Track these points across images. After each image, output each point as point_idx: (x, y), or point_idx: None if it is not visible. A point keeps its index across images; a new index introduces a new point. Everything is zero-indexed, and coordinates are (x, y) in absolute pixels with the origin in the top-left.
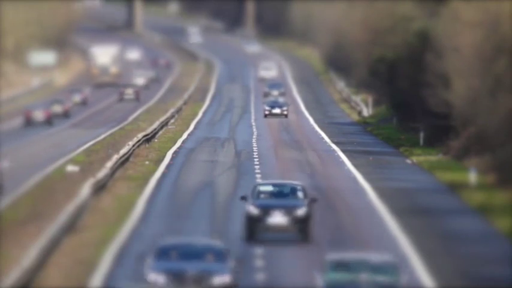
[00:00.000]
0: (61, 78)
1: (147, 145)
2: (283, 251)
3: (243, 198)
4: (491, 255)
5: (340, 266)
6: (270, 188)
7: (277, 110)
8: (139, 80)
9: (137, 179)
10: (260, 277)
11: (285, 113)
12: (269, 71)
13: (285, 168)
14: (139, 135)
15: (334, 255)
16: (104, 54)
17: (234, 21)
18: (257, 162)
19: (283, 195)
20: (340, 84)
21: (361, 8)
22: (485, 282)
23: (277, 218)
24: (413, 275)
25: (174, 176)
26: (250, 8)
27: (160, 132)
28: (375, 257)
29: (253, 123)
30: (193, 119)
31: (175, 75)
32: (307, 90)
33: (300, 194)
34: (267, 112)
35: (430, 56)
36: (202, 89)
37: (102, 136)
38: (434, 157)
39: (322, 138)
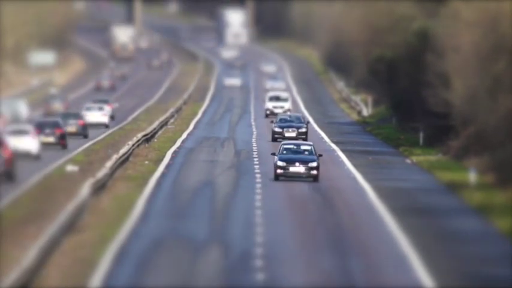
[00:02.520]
0: (60, 78)
1: (146, 145)
2: (283, 252)
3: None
4: (491, 255)
5: None
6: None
7: (299, 168)
8: (144, 43)
9: (137, 178)
10: (260, 277)
11: (315, 172)
12: (282, 102)
13: None
14: (139, 135)
15: None
16: (123, 34)
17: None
18: (257, 162)
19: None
20: (340, 84)
21: (361, 7)
22: (485, 282)
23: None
24: (413, 275)
25: (174, 176)
26: (250, 8)
27: (160, 132)
28: None
29: (253, 123)
30: (192, 118)
31: (175, 75)
32: (307, 90)
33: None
34: (279, 171)
35: (429, 56)
36: (202, 88)
37: (102, 136)
38: (433, 157)
39: (322, 138)
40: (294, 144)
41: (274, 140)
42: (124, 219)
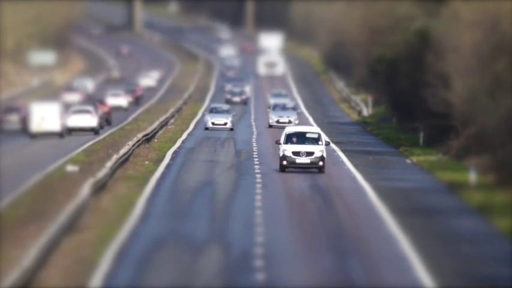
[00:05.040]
0: (61, 78)
1: (146, 145)
2: (283, 252)
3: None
4: (491, 255)
5: None
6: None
7: None
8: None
9: (137, 178)
10: (260, 277)
11: None
12: (310, 145)
13: None
14: (139, 135)
15: None
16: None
17: (234, 21)
18: (257, 162)
19: None
20: (340, 84)
21: (361, 7)
22: (485, 282)
23: None
24: (413, 275)
25: (174, 176)
26: (250, 8)
27: (160, 132)
28: None
29: (253, 123)
30: (193, 118)
31: (175, 75)
32: (307, 90)
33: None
34: None
35: (429, 56)
36: (202, 88)
37: (102, 136)
38: (434, 157)
39: None
40: None
41: None
42: (124, 219)
